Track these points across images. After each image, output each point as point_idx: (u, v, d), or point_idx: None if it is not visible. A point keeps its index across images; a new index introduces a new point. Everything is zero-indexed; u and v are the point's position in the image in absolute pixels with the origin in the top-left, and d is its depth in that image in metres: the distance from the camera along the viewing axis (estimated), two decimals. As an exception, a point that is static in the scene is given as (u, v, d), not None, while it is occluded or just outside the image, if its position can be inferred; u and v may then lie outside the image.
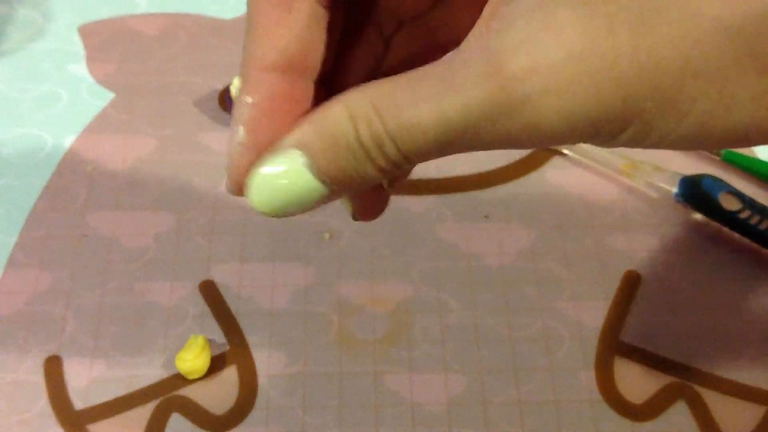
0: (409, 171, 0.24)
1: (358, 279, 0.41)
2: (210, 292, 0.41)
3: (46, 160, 0.45)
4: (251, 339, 0.39)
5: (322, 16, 0.23)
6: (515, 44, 0.20)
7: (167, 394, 0.37)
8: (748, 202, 0.42)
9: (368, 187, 0.23)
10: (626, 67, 0.20)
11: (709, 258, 0.42)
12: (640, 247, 0.43)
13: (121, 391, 0.37)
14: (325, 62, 0.24)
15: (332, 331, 0.39)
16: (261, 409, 0.37)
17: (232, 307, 0.40)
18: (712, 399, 0.37)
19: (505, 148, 0.22)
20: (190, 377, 0.37)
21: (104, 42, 0.52)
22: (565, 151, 0.46)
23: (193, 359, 0.37)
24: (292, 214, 0.24)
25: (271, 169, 0.23)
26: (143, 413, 0.37)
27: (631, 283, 0.41)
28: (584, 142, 0.22)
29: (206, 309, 0.40)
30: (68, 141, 0.47)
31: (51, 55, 0.51)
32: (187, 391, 0.37)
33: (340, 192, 0.23)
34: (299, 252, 0.42)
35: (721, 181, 0.42)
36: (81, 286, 0.40)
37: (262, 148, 0.23)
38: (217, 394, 0.37)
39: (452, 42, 0.25)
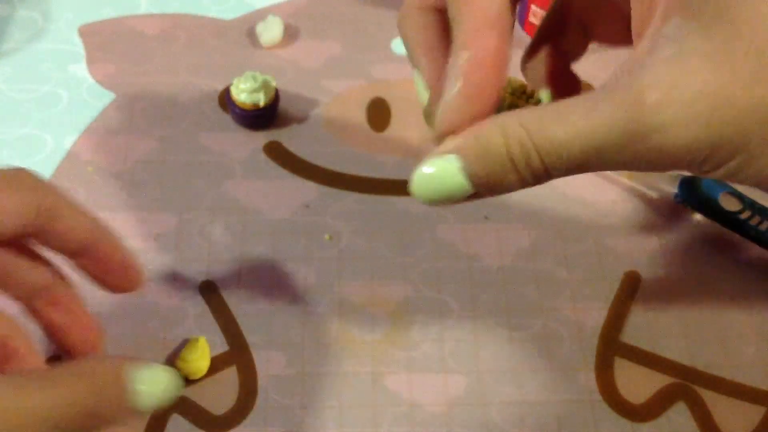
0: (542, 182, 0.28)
1: (358, 279, 0.41)
2: (210, 292, 0.41)
3: (46, 161, 0.45)
4: (251, 339, 0.39)
5: None
6: (654, 82, 0.25)
7: (167, 395, 0.37)
8: (748, 203, 0.42)
9: (505, 192, 0.28)
10: (743, 107, 0.24)
11: (708, 258, 0.42)
12: (640, 248, 0.43)
13: (121, 391, 0.37)
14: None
15: (332, 331, 0.39)
16: (261, 409, 0.37)
17: (232, 308, 0.40)
18: (712, 399, 0.37)
19: (628, 170, 0.26)
20: (191, 378, 0.37)
21: (104, 42, 0.52)
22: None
23: (194, 360, 0.37)
24: (441, 205, 0.29)
25: (433, 165, 0.28)
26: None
27: (631, 284, 0.41)
28: (691, 170, 0.26)
29: (206, 309, 0.40)
30: (68, 141, 0.47)
31: (51, 56, 0.51)
32: (187, 392, 0.37)
33: (483, 193, 0.28)
34: (299, 252, 0.42)
35: (721, 181, 0.42)
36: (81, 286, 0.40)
37: (474, 97, 0.27)
38: (217, 394, 0.37)
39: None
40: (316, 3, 0.55)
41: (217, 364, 0.38)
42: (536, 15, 0.50)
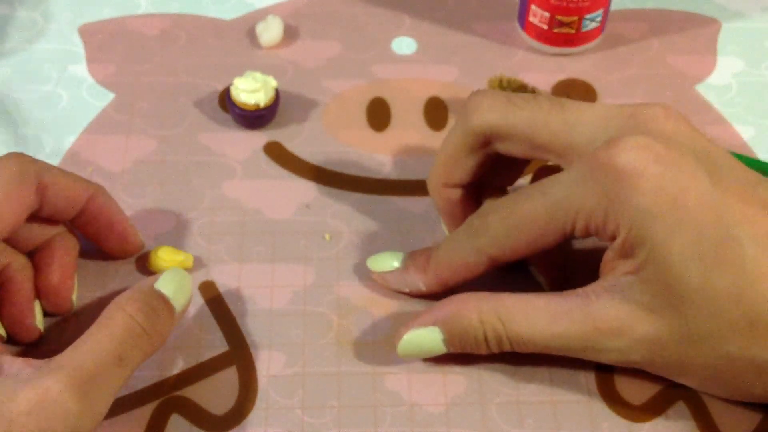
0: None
1: (358, 279, 0.41)
2: (210, 293, 0.41)
3: (46, 161, 0.45)
4: (251, 339, 0.39)
5: (477, 166, 0.38)
6: (609, 317, 0.34)
7: (167, 395, 0.37)
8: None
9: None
10: (665, 356, 0.34)
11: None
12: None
13: (121, 391, 0.37)
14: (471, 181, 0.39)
15: (332, 331, 0.39)
16: (261, 409, 0.37)
17: (232, 308, 0.40)
18: (712, 400, 0.37)
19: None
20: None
21: (104, 42, 0.52)
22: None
23: (169, 259, 0.40)
24: (417, 358, 0.38)
25: (418, 334, 0.37)
26: (143, 414, 0.37)
27: (631, 284, 0.42)
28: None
29: (206, 309, 0.40)
30: (68, 141, 0.47)
31: (51, 56, 0.51)
32: (187, 392, 0.37)
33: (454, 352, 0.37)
34: (299, 252, 0.42)
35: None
36: (81, 287, 0.40)
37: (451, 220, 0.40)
38: (217, 394, 0.37)
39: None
40: (316, 3, 0.55)
41: (217, 364, 0.38)
42: (536, 15, 0.50)
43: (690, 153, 0.33)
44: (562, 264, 0.41)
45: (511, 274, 0.40)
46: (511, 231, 0.36)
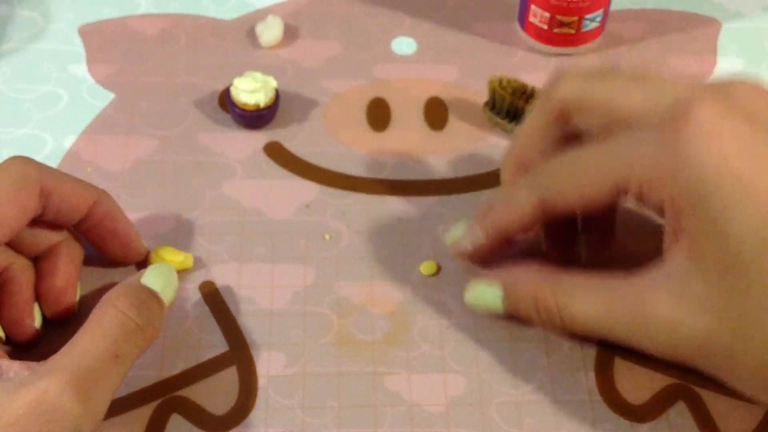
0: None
1: (358, 279, 0.41)
2: (210, 293, 0.41)
3: (46, 161, 0.45)
4: (251, 339, 0.39)
5: (554, 143, 0.37)
6: (657, 307, 0.33)
7: (167, 395, 0.37)
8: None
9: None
10: (720, 351, 0.33)
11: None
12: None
13: (120, 391, 0.37)
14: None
15: (332, 331, 0.39)
16: (261, 409, 0.37)
17: (232, 308, 0.40)
18: (712, 400, 0.37)
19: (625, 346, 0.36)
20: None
21: (104, 42, 0.52)
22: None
23: (169, 259, 0.40)
24: (480, 312, 0.39)
25: (482, 287, 0.38)
26: (143, 414, 0.37)
27: (631, 284, 0.41)
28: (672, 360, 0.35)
29: (206, 309, 0.40)
30: (68, 141, 0.47)
31: (51, 56, 0.51)
32: (187, 392, 0.37)
33: (511, 316, 0.38)
34: (299, 252, 0.42)
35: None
36: (81, 287, 0.40)
37: (486, 250, 0.39)
38: (217, 395, 0.37)
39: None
40: (316, 3, 0.55)
41: (217, 365, 0.38)
42: (536, 15, 0.50)
43: None
44: (573, 240, 0.40)
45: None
46: (567, 175, 0.35)
